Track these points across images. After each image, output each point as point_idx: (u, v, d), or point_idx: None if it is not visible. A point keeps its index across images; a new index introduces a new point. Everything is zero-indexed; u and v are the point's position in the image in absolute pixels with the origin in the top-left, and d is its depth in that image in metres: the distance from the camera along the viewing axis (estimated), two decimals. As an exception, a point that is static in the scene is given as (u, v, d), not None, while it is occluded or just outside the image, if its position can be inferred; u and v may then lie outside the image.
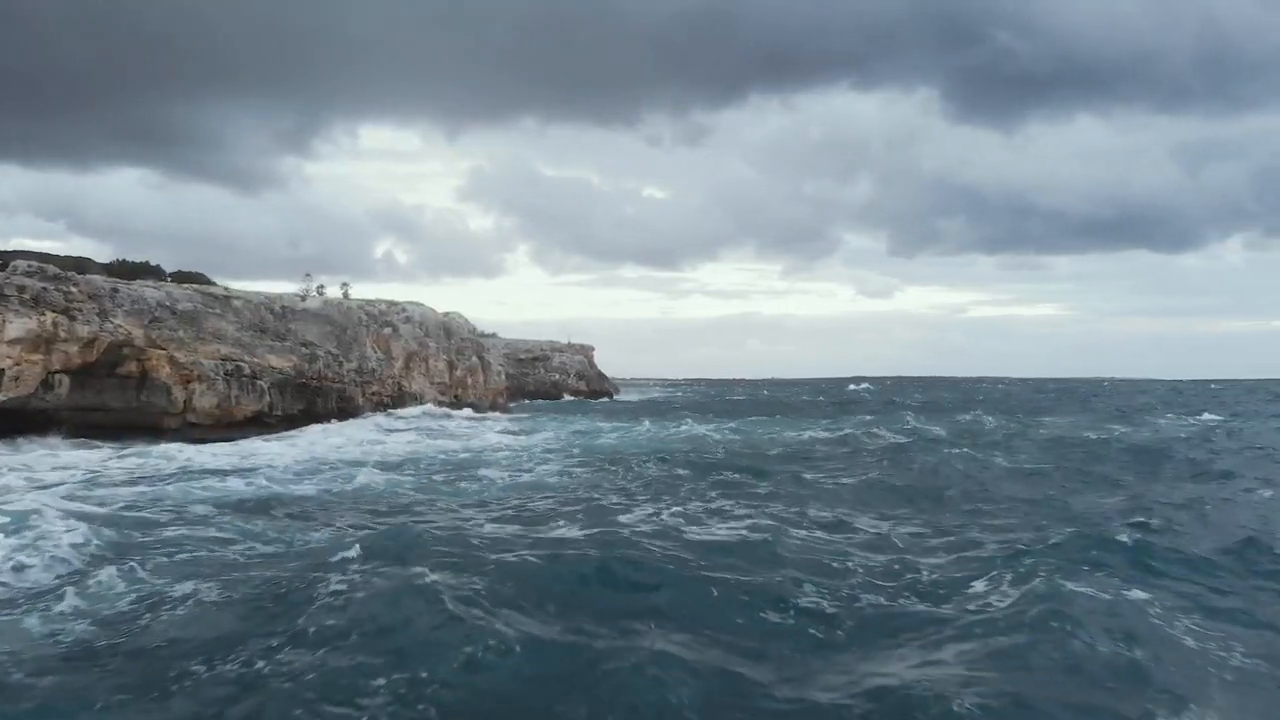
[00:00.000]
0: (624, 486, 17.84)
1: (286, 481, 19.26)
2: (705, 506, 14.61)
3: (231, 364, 33.73)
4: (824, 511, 14.44)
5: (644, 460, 21.89)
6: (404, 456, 24.66)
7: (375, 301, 39.52)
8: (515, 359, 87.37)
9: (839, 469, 21.09)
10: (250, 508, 15.25)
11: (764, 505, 14.78)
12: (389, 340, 38.63)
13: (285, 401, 34.86)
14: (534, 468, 21.39)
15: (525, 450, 26.27)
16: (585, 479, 19.20)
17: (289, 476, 20.08)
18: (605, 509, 14.44)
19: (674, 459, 22.20)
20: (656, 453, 24.26)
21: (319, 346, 36.43)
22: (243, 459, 23.85)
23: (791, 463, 22.49)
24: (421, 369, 39.42)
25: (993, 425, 35.83)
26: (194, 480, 19.15)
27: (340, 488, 18.23)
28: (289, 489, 18.16)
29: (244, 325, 34.85)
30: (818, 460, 23.28)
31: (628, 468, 20.55)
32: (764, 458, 23.85)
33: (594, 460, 22.84)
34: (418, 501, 16.42)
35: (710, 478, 18.74)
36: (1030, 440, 28.84)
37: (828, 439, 29.58)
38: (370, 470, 20.43)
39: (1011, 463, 22.26)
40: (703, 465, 21.02)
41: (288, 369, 35.21)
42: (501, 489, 18.03)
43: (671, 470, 20.01)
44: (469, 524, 13.30)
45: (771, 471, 20.11)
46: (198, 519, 13.87)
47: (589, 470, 20.70)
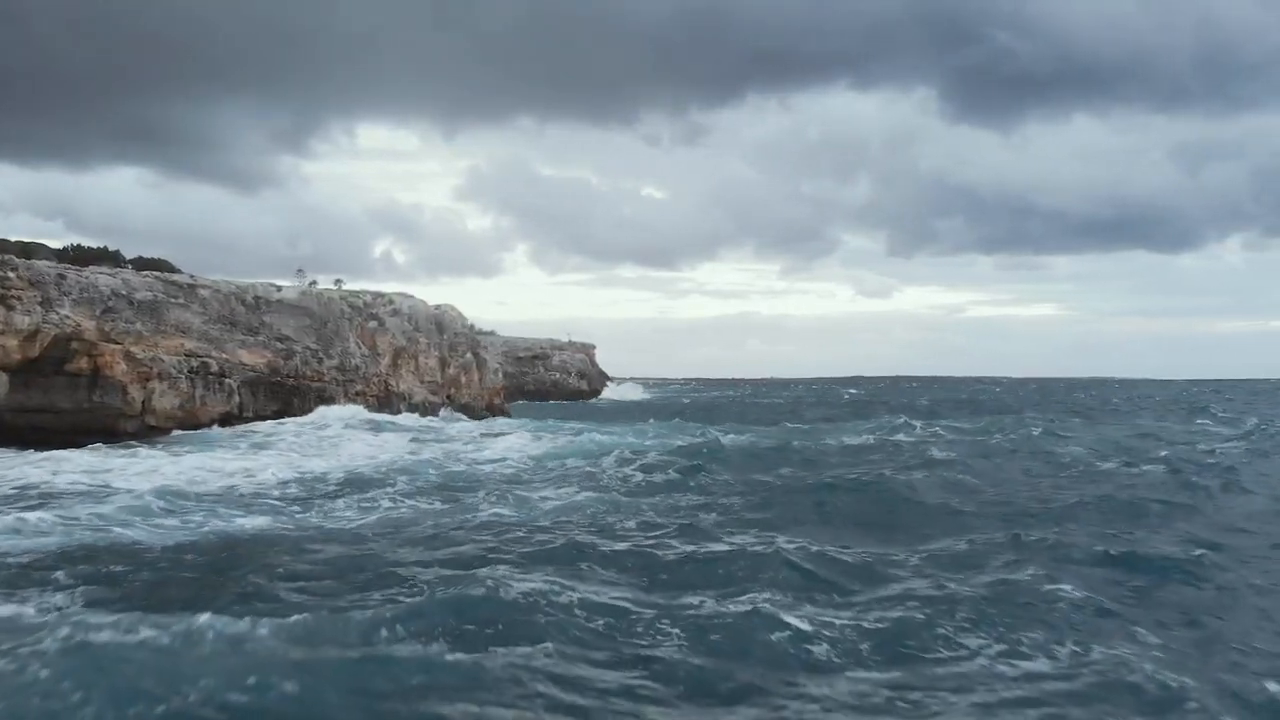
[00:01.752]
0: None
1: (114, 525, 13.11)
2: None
3: (197, 360, 30.29)
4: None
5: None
6: (342, 478, 19.11)
7: (360, 292, 36.07)
8: (514, 357, 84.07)
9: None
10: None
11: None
12: (375, 335, 35.20)
13: (257, 402, 31.41)
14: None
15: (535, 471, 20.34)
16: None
17: (129, 516, 13.69)
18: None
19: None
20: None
21: (296, 341, 33.00)
22: (95, 479, 18.30)
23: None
24: (411, 367, 35.98)
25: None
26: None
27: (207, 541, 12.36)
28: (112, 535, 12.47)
29: (212, 317, 31.40)
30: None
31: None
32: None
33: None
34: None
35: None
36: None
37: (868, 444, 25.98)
38: (255, 516, 14.21)
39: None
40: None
41: (261, 366, 31.78)
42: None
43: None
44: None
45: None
46: None
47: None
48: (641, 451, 23.33)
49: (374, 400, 34.48)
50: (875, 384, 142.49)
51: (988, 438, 28.41)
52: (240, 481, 18.54)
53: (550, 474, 19.58)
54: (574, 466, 20.72)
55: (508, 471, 20.25)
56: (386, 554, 11.08)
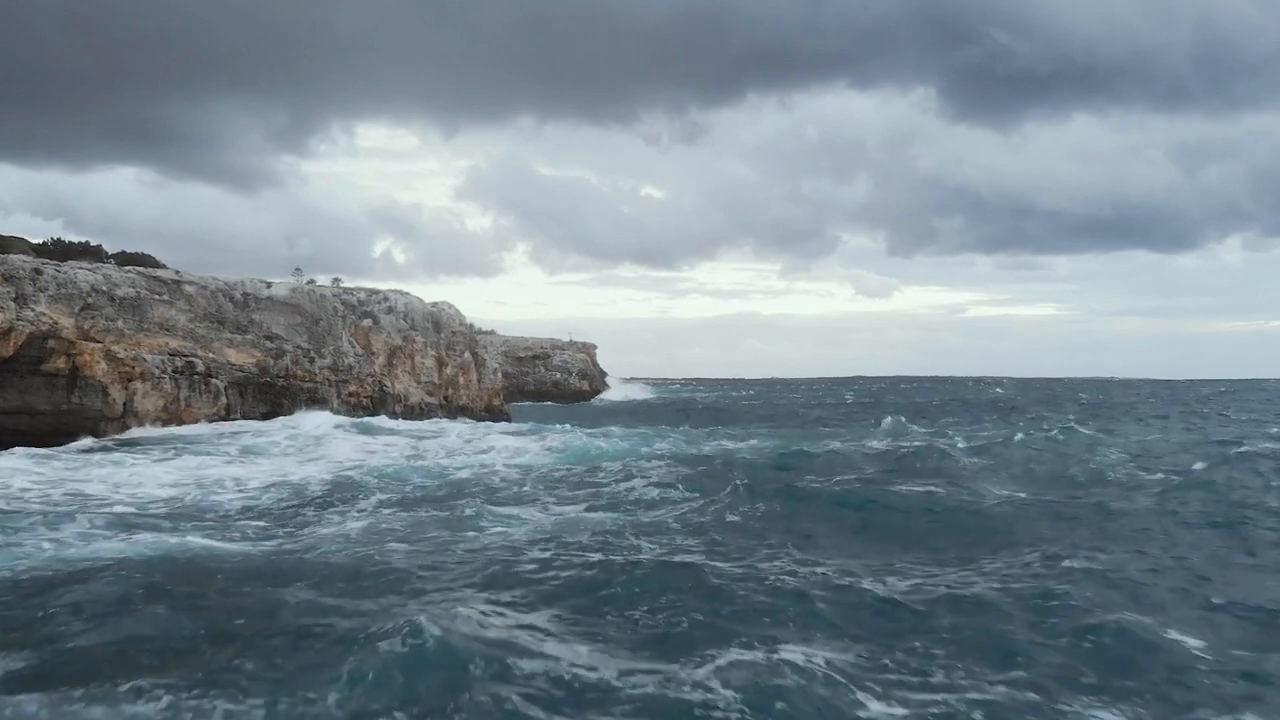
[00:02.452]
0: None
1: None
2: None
3: (182, 360, 28.95)
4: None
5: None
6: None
7: (354, 289, 34.69)
8: (514, 357, 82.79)
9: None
10: None
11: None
12: (369, 333, 33.82)
13: (245, 403, 30.06)
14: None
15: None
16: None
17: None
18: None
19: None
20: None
21: (287, 340, 31.64)
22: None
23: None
24: (406, 366, 34.60)
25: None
26: None
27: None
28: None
29: (198, 315, 30.05)
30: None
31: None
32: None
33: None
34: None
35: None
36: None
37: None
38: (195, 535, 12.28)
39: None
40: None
41: (249, 365, 30.43)
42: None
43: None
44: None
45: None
46: None
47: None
48: (652, 459, 21.77)
49: (367, 401, 33.13)
50: (875, 384, 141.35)
51: (1017, 442, 27.01)
52: (194, 493, 16.87)
53: (554, 487, 17.53)
54: (579, 478, 18.78)
55: (504, 484, 18.22)
56: (329, 592, 9.18)
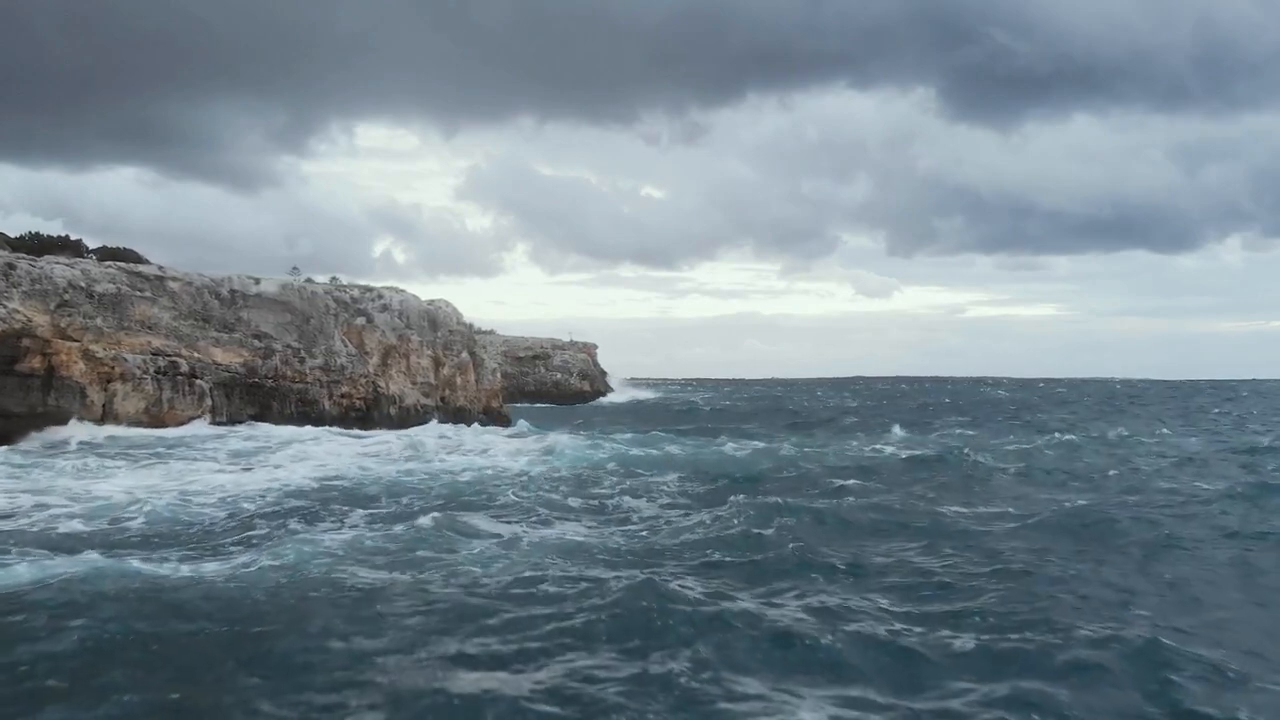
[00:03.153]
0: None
1: None
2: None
3: (165, 359, 27.64)
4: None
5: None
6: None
7: (347, 286, 33.35)
8: (514, 357, 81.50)
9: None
10: None
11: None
12: (362, 332, 32.50)
13: (232, 405, 28.74)
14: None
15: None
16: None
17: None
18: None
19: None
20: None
21: (276, 339, 30.32)
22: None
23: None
24: (401, 366, 33.27)
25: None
26: None
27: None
28: None
29: (182, 312, 28.74)
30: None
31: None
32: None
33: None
34: None
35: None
36: None
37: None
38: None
39: None
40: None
41: (236, 365, 29.12)
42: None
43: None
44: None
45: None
46: None
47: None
48: (670, 468, 19.95)
49: (360, 403, 31.79)
50: (875, 384, 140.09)
51: (1054, 449, 25.76)
52: (153, 505, 15.40)
53: (558, 501, 15.73)
54: (587, 491, 16.89)
55: (500, 498, 16.12)
56: (260, 647, 7.70)
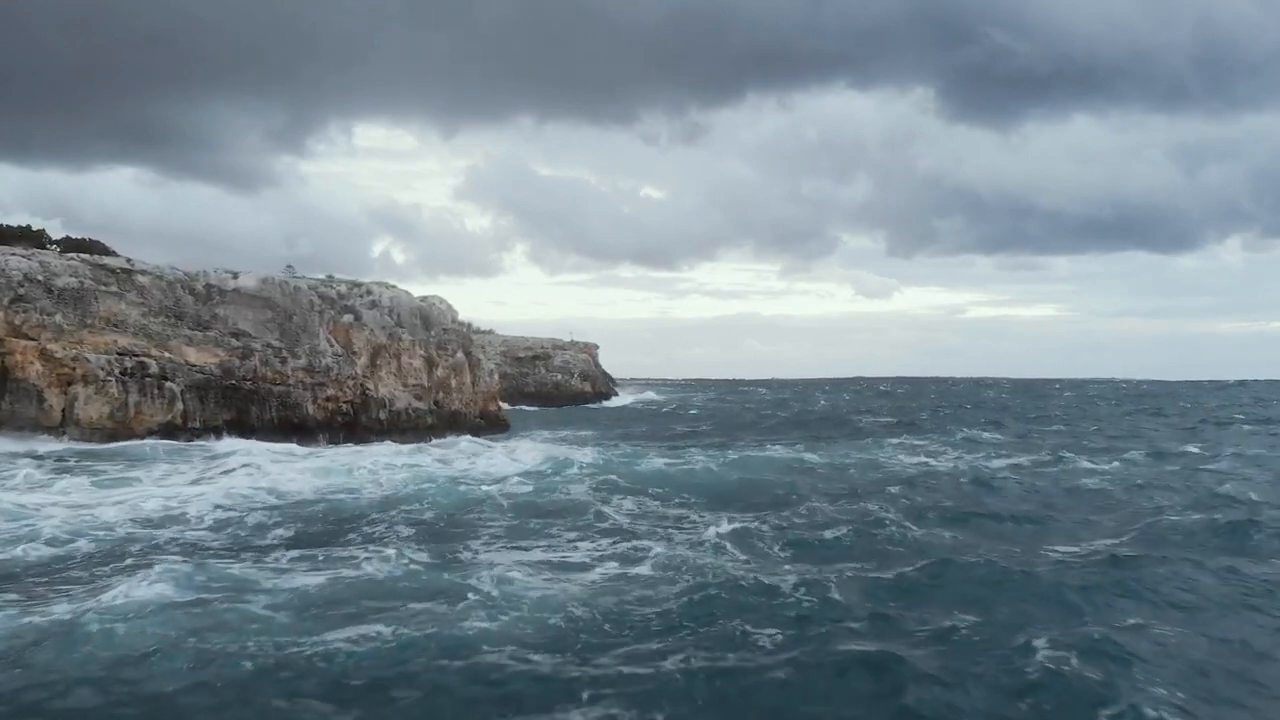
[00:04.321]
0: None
1: None
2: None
3: (132, 359, 25.43)
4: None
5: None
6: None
7: (333, 281, 31.12)
8: (513, 357, 79.34)
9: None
10: None
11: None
12: (350, 330, 30.27)
13: (206, 409, 26.50)
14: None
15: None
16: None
17: None
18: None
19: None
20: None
21: (256, 337, 28.10)
22: None
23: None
24: (392, 367, 31.04)
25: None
26: None
27: None
28: None
29: (153, 309, 26.52)
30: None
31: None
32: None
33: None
34: None
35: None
36: None
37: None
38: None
39: None
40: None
41: (212, 366, 26.89)
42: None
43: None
44: None
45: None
46: None
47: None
48: (704, 494, 16.62)
49: (347, 406, 29.55)
50: (876, 385, 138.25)
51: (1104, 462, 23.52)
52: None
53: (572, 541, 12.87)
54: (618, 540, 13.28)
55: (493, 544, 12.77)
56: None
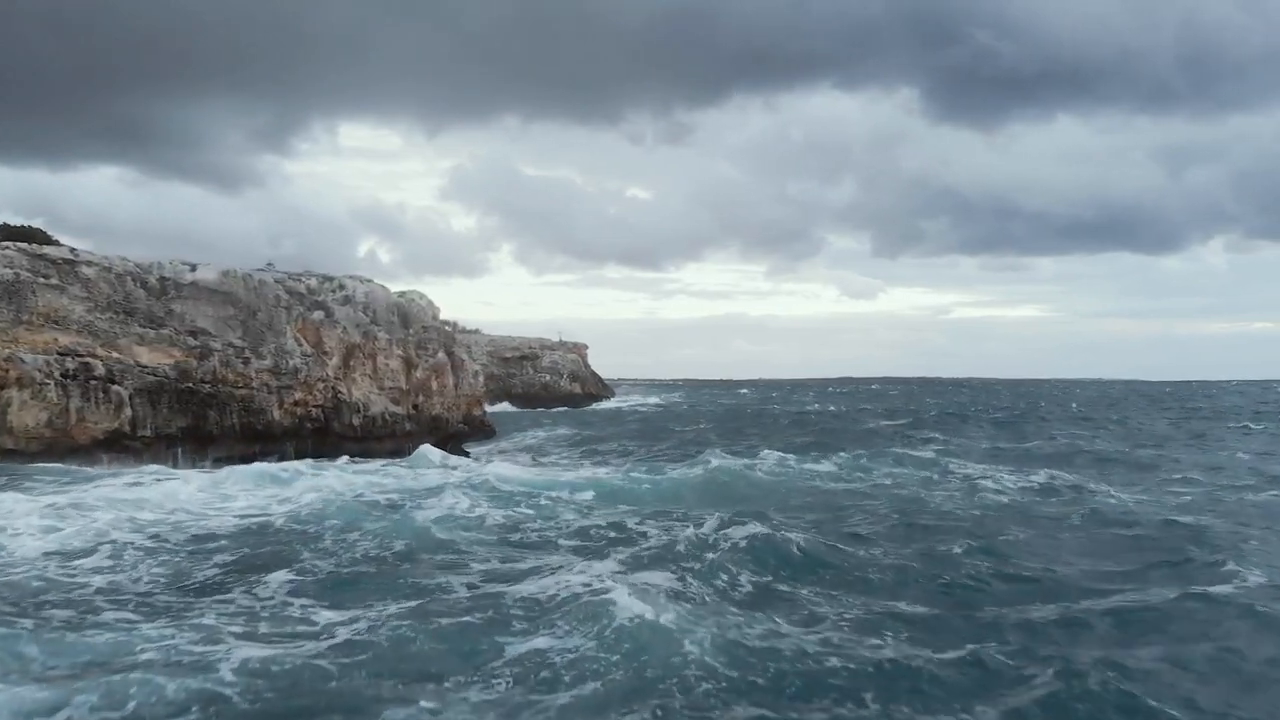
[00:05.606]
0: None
1: None
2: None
3: (75, 360, 22.94)
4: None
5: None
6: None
7: (302, 275, 28.65)
8: (500, 358, 76.88)
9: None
10: None
11: None
12: (320, 328, 27.82)
13: (158, 416, 24.03)
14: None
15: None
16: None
17: None
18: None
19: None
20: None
21: (215, 336, 25.64)
22: None
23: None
24: (366, 368, 28.61)
25: None
26: None
27: None
28: None
29: (99, 304, 24.03)
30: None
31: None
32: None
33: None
34: None
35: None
36: None
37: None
38: None
39: None
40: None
41: (166, 368, 24.42)
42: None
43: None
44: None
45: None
46: None
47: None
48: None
49: (317, 411, 27.11)
50: (864, 385, 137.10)
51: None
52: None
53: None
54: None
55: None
56: None
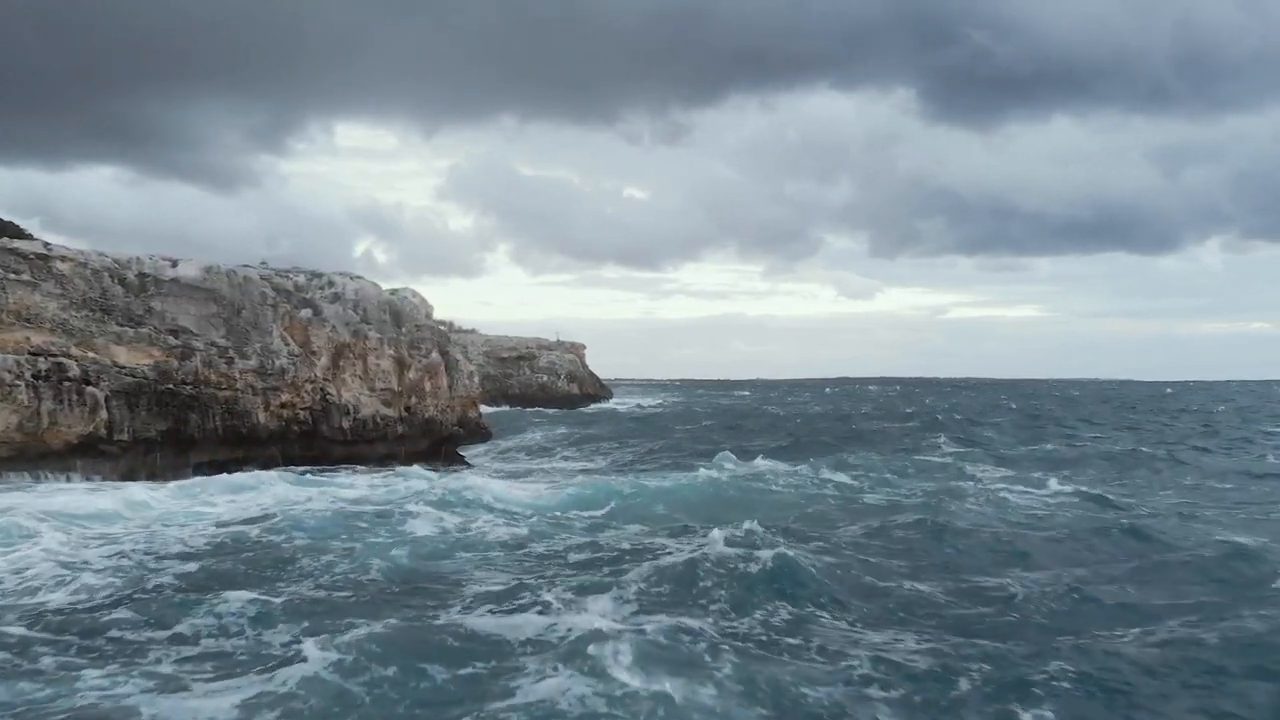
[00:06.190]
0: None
1: None
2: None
3: (48, 360, 21.77)
4: None
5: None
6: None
7: (289, 271, 27.48)
8: (497, 358, 75.81)
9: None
10: None
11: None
12: (308, 327, 26.66)
13: (137, 419, 22.86)
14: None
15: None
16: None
17: None
18: None
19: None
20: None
21: (198, 335, 24.47)
22: None
23: None
24: (357, 369, 27.46)
25: None
26: None
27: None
28: None
29: (74, 301, 22.85)
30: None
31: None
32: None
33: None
34: None
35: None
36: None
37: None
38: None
39: None
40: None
41: (145, 368, 23.25)
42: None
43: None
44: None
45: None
46: None
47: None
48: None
49: (305, 414, 25.95)
50: (862, 385, 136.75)
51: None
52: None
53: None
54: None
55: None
56: None
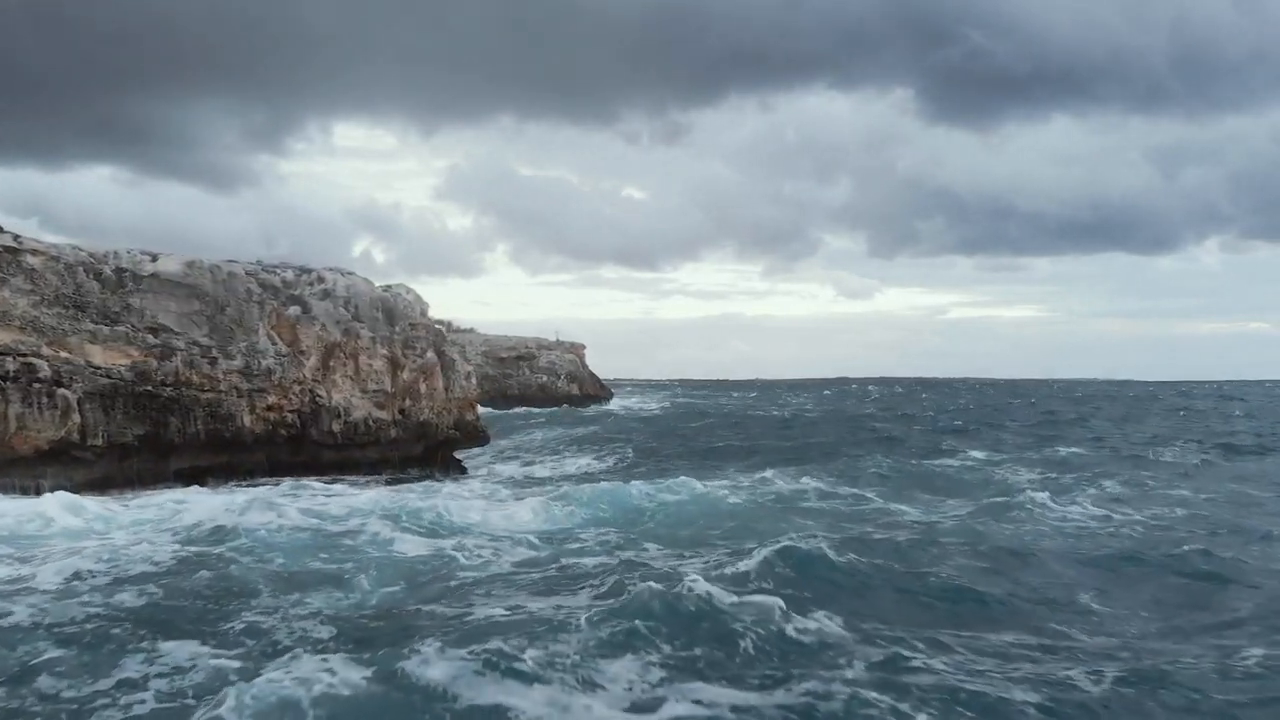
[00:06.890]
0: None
1: None
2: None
3: (17, 360, 20.45)
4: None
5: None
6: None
7: (276, 266, 26.13)
8: (496, 358, 74.54)
9: None
10: None
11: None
12: (296, 325, 25.32)
13: (112, 423, 21.53)
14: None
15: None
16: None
17: None
18: None
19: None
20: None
21: (179, 334, 23.14)
22: None
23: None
24: (348, 369, 26.11)
25: None
26: None
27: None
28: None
29: (46, 297, 21.53)
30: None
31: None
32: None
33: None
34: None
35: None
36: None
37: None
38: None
39: None
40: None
41: (122, 369, 21.93)
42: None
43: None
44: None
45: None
46: None
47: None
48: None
49: (293, 417, 24.62)
50: (861, 386, 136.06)
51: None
52: None
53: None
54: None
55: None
56: None
